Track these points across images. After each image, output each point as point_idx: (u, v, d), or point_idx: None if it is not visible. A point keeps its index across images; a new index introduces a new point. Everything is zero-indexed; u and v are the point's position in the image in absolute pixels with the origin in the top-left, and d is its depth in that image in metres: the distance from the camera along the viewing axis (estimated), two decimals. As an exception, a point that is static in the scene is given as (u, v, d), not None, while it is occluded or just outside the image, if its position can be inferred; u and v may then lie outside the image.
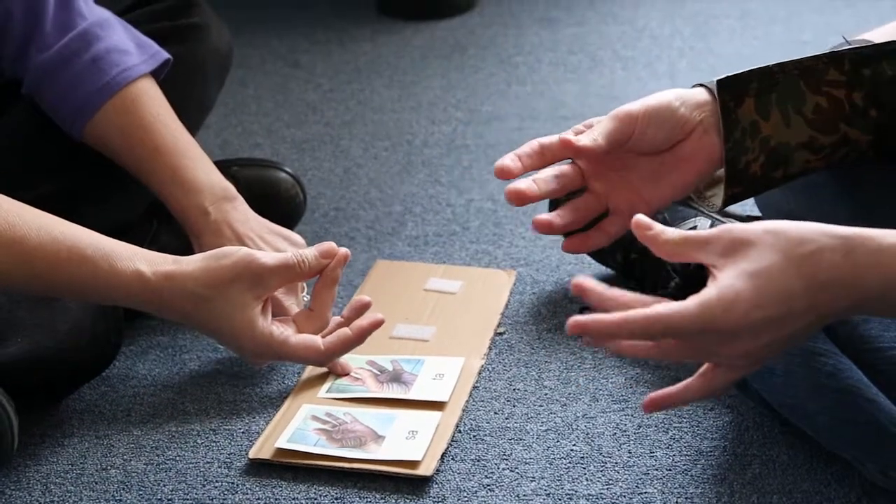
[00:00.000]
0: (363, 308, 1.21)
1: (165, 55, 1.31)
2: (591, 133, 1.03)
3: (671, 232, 0.89)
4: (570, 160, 1.06)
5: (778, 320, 0.84)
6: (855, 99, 1.01)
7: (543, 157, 1.03)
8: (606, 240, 1.06)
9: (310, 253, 1.17)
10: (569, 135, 1.03)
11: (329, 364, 1.23)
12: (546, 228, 1.04)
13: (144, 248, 1.12)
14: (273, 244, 1.28)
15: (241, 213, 1.29)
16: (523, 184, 1.02)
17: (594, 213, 1.06)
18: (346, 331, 1.19)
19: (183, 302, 1.12)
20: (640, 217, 0.90)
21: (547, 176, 1.04)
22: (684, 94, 1.03)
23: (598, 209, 1.06)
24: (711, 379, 0.89)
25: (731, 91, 1.01)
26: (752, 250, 0.84)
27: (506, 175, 1.02)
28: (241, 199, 1.30)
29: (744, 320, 0.83)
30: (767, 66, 1.01)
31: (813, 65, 1.01)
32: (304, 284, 1.28)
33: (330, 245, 1.19)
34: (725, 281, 0.84)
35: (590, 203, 1.06)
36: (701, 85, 1.04)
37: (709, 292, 0.84)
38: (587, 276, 0.89)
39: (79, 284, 1.10)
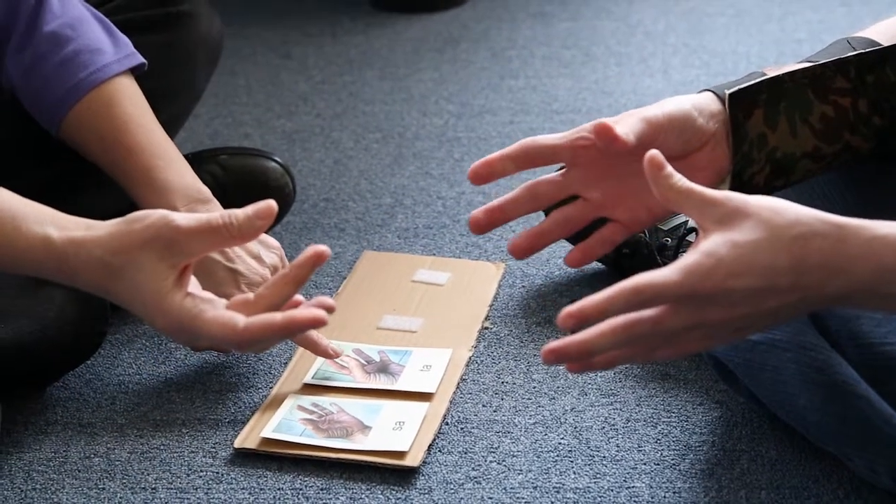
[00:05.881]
0: (315, 262, 0.98)
1: (139, 60, 1.27)
2: (622, 128, 0.97)
3: (678, 179, 0.88)
4: (561, 167, 1.01)
5: (759, 293, 0.84)
6: (860, 107, 1.01)
7: (530, 159, 0.98)
8: (610, 249, 1.03)
9: (241, 213, 0.98)
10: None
11: (304, 343, 1.19)
12: (523, 252, 0.99)
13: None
14: (248, 248, 1.23)
15: None
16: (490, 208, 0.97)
17: (585, 223, 1.02)
18: (274, 316, 0.97)
19: (93, 271, 0.99)
20: (656, 155, 0.88)
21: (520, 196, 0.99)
22: (698, 102, 1.00)
23: (589, 218, 1.02)
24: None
25: (741, 104, 1.00)
26: (746, 222, 0.85)
27: (478, 181, 0.97)
28: (215, 201, 1.24)
29: (722, 286, 0.83)
30: (778, 75, 1.00)
31: (821, 72, 1.01)
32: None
33: (268, 204, 0.98)
34: (709, 247, 0.84)
35: (583, 212, 1.01)
36: (710, 90, 1.01)
37: (690, 258, 0.84)
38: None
39: None
